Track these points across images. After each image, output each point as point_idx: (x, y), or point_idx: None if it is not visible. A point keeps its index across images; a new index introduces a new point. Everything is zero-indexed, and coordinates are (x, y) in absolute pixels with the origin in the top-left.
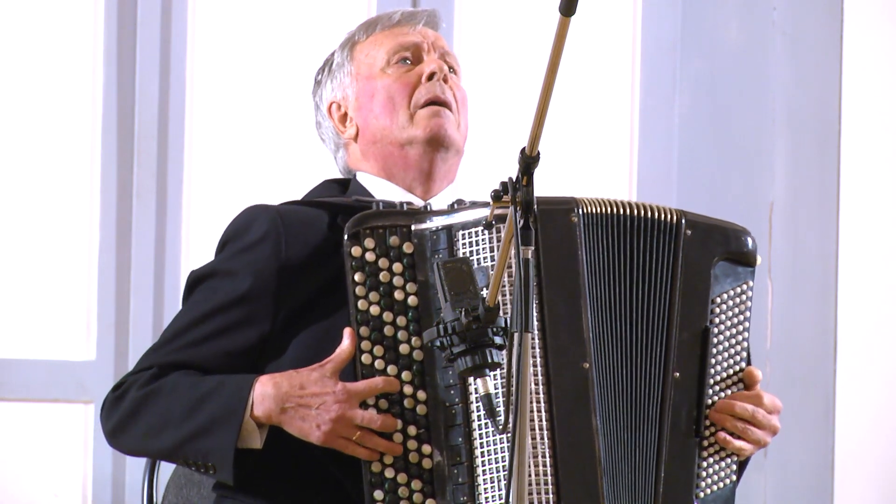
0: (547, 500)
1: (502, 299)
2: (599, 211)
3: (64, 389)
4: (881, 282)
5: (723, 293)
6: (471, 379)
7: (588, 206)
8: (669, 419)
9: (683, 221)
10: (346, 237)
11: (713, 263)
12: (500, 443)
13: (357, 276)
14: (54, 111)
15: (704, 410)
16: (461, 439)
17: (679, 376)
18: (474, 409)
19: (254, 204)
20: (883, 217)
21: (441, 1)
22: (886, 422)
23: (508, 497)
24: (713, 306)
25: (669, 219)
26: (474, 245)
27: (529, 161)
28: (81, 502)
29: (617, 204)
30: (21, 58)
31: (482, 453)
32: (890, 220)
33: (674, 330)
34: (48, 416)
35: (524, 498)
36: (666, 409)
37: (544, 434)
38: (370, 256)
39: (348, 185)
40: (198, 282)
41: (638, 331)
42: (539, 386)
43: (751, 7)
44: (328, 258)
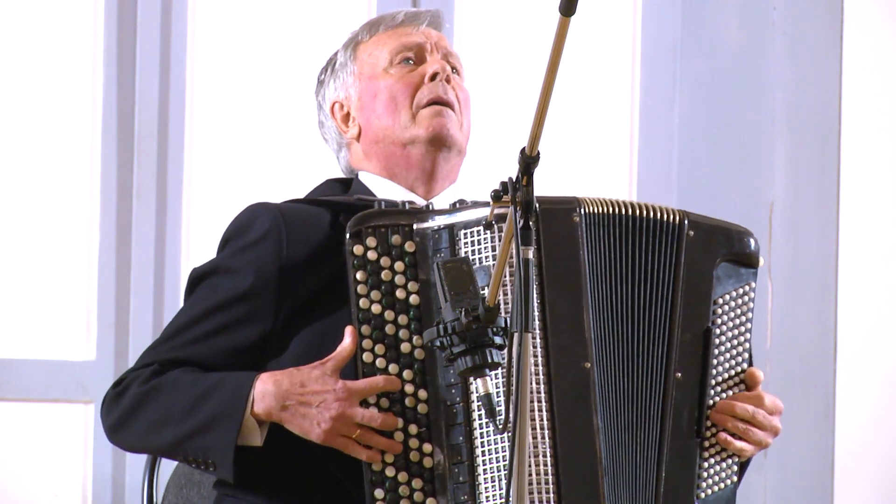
0: (547, 500)
1: (504, 298)
2: (602, 211)
3: (64, 389)
4: (881, 282)
5: (725, 294)
6: (471, 379)
7: (590, 206)
8: (671, 419)
9: (686, 222)
10: (348, 235)
11: (716, 264)
12: (501, 442)
13: (359, 275)
14: (54, 111)
15: (706, 411)
16: (462, 438)
17: (681, 377)
18: (475, 409)
19: (256, 202)
20: (883, 217)
21: (442, 1)
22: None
23: (509, 496)
24: (715, 307)
25: (672, 219)
26: (476, 244)
27: (529, 161)
28: (81, 502)
29: (619, 204)
30: (21, 58)
31: (483, 452)
32: (890, 220)
33: (676, 330)
34: (48, 416)
35: (524, 497)
36: (667, 410)
37: (545, 433)
38: (372, 255)
39: (350, 185)
40: (199, 279)
41: (640, 331)
42: (540, 385)
43: (751, 7)
44: (330, 256)
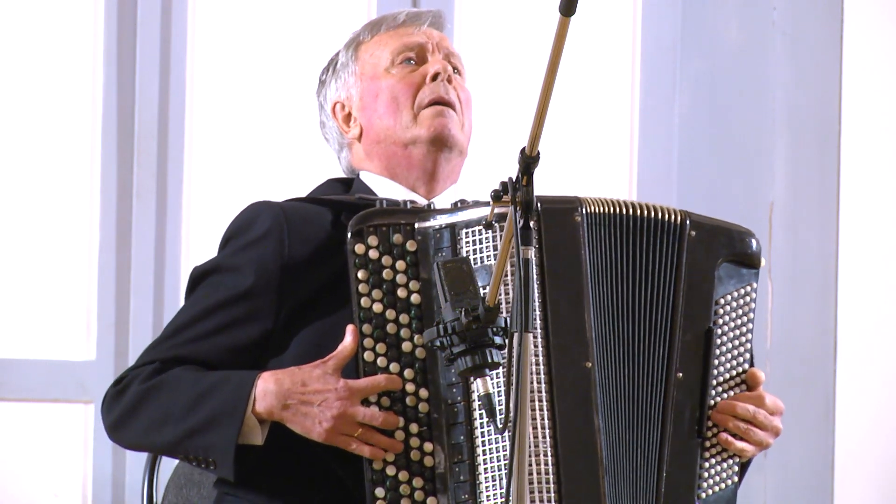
0: (548, 499)
1: (504, 298)
2: (603, 211)
3: (64, 389)
4: (881, 282)
5: (726, 294)
6: (471, 379)
7: (592, 206)
8: (672, 420)
9: (688, 222)
10: (350, 234)
11: (717, 265)
12: (502, 441)
13: (360, 274)
14: (54, 111)
15: (707, 411)
16: (463, 437)
17: (682, 377)
18: (476, 408)
19: (257, 200)
20: (883, 217)
21: (442, 1)
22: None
23: (510, 495)
24: (717, 307)
25: (674, 219)
26: (477, 243)
27: (529, 161)
28: (81, 502)
29: (621, 204)
30: (21, 58)
31: (484, 451)
32: (890, 220)
33: (677, 330)
34: (48, 416)
35: (525, 496)
36: (668, 410)
37: (546, 433)
38: (373, 254)
39: (352, 185)
40: (201, 277)
41: (641, 331)
42: (541, 385)
43: (751, 7)
44: (331, 255)
